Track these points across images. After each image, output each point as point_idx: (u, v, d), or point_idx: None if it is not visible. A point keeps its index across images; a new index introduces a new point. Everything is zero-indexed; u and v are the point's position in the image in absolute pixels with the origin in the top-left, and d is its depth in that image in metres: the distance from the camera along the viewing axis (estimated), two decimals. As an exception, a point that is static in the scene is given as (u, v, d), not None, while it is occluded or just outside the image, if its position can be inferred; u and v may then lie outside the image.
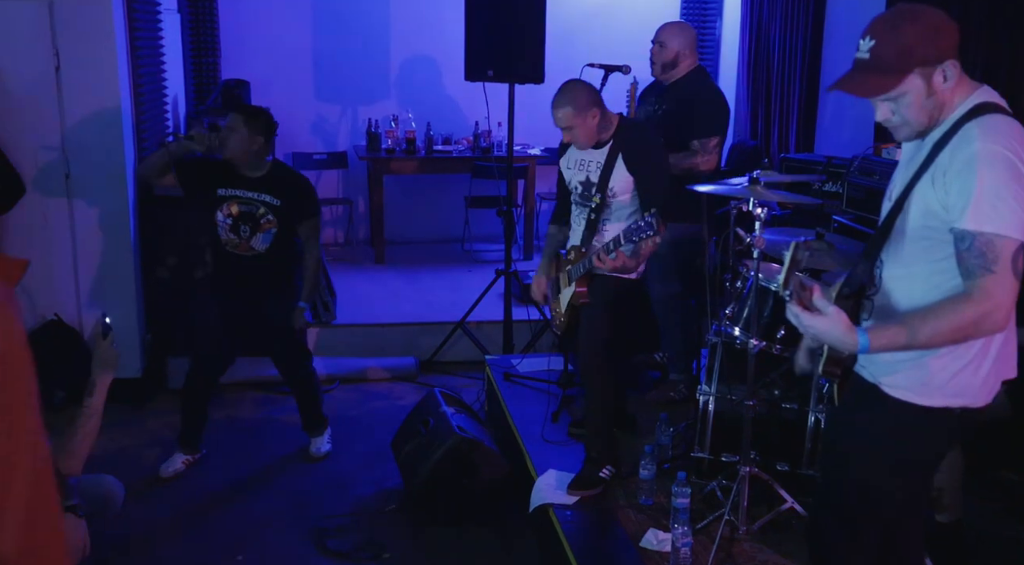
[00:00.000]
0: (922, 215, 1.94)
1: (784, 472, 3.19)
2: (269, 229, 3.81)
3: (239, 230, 3.80)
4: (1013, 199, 1.80)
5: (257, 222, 3.80)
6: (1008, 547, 3.21)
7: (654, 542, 3.00)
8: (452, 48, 5.68)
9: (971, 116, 1.91)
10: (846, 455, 2.14)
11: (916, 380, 2.00)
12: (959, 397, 1.99)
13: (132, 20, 4.69)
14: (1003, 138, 1.85)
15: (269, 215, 3.80)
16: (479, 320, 5.31)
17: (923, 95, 1.93)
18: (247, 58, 6.83)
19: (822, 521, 2.27)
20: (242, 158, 3.75)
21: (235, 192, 3.79)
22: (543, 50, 4.76)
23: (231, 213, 3.79)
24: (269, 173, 3.83)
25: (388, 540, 3.48)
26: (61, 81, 4.40)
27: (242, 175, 3.79)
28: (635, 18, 7.10)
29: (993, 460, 3.53)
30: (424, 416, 3.83)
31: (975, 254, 1.82)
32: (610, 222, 3.33)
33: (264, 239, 3.82)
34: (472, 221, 7.15)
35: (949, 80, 1.93)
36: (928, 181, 1.93)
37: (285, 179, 3.88)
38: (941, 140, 1.93)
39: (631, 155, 3.28)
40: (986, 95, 1.96)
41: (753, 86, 6.95)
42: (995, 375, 2.01)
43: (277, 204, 3.80)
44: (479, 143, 6.89)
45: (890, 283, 2.06)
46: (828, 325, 1.87)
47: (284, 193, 3.82)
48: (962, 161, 1.86)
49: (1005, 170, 1.81)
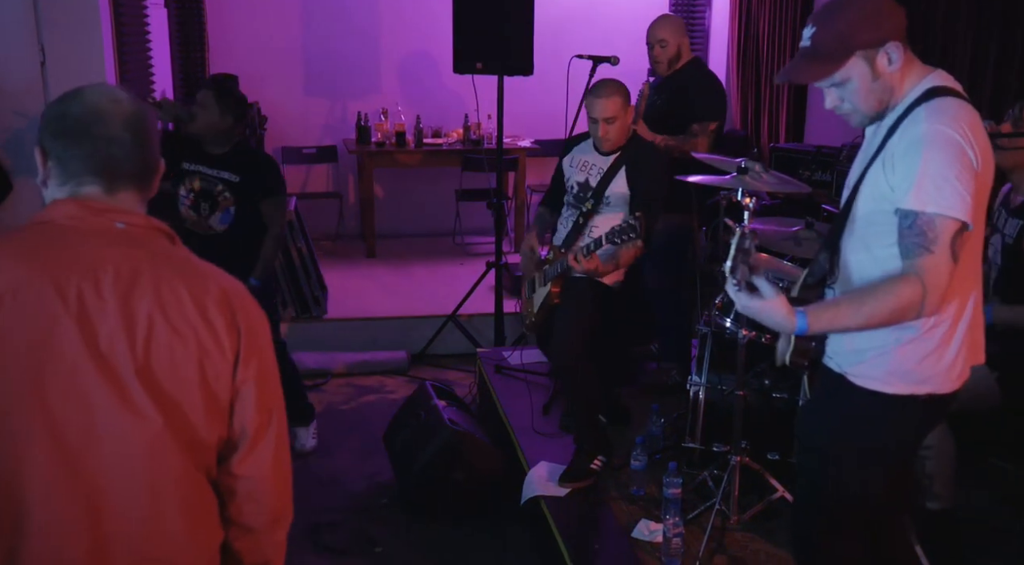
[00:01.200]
0: (873, 199, 1.95)
1: (775, 461, 3.19)
2: (227, 207, 3.73)
3: (199, 207, 3.74)
4: (957, 179, 1.81)
5: (215, 200, 3.73)
6: (1001, 536, 3.21)
7: (646, 533, 3.00)
8: (441, 41, 5.66)
9: (922, 99, 1.91)
10: (818, 447, 2.14)
11: (881, 369, 2.00)
12: (924, 384, 1.99)
13: (118, 14, 4.67)
14: (949, 120, 1.85)
15: (226, 192, 3.72)
16: (470, 313, 5.30)
17: (868, 79, 1.94)
18: (235, 52, 6.80)
19: (802, 514, 2.28)
20: (209, 134, 3.68)
21: (198, 167, 3.73)
22: (532, 42, 4.75)
23: (192, 188, 3.73)
24: (231, 151, 3.76)
25: (380, 534, 3.48)
26: (47, 75, 4.37)
27: (206, 151, 3.73)
28: (624, 9, 7.10)
29: (985, 448, 3.54)
30: (416, 409, 3.82)
31: (915, 233, 1.83)
32: (597, 229, 3.34)
33: (223, 218, 3.74)
34: (463, 214, 7.14)
35: (894, 62, 1.93)
36: (879, 165, 1.93)
37: (246, 156, 3.81)
38: (894, 125, 1.93)
39: (634, 170, 3.32)
40: (939, 79, 1.96)
41: (742, 76, 6.95)
42: (962, 361, 2.01)
43: (236, 181, 3.72)
44: (469, 136, 6.87)
45: (847, 270, 2.06)
46: (765, 306, 1.87)
47: (244, 170, 3.74)
48: (908, 142, 1.86)
49: (950, 151, 1.82)
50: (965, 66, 4.59)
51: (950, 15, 4.73)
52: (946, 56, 4.71)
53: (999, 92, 4.43)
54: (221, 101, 3.64)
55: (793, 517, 2.40)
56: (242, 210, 3.75)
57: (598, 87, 3.34)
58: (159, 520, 1.37)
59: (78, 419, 1.31)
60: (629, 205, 3.33)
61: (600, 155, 3.42)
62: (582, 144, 3.54)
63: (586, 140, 3.53)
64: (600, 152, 3.42)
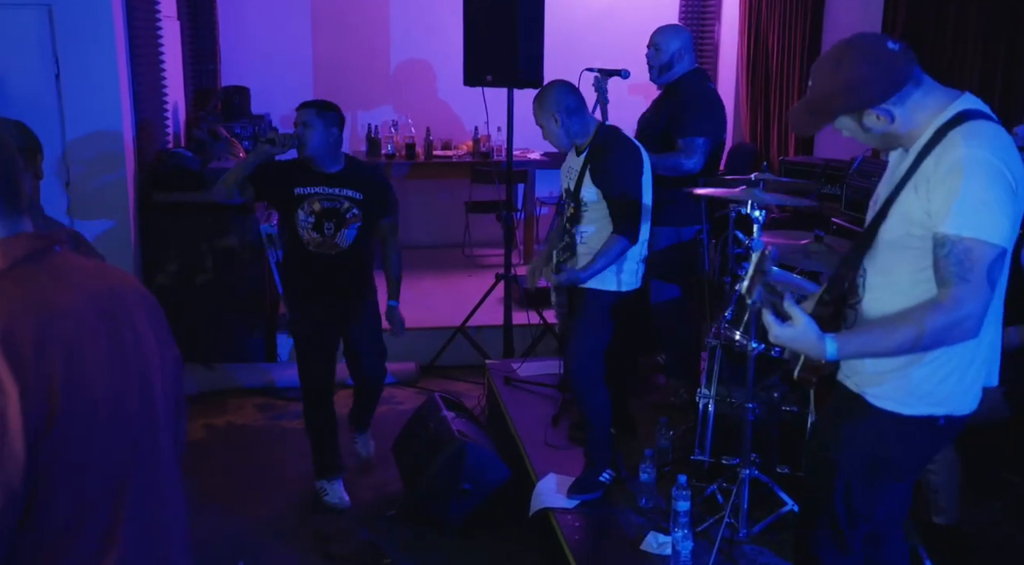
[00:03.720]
0: (905, 223, 1.94)
1: (784, 475, 3.19)
2: (354, 224, 3.65)
3: (323, 227, 3.62)
4: (995, 203, 1.80)
5: (343, 217, 3.63)
6: (1009, 549, 3.20)
7: (654, 545, 3.00)
8: (451, 53, 5.70)
9: (955, 123, 1.89)
10: (831, 464, 2.13)
11: (901, 390, 2.00)
12: (942, 406, 1.99)
13: (132, 27, 4.71)
14: (987, 144, 1.84)
15: (354, 209, 3.64)
16: (479, 324, 5.31)
17: (860, 132, 1.97)
18: (247, 65, 6.85)
19: (806, 529, 2.27)
20: (320, 153, 3.58)
21: (315, 189, 3.61)
22: (542, 55, 4.77)
23: (313, 211, 3.62)
24: (347, 168, 3.67)
25: (389, 545, 3.48)
26: (61, 88, 4.42)
27: (318, 171, 3.62)
28: (634, 22, 7.09)
29: (994, 461, 3.53)
30: (425, 421, 3.83)
31: (953, 261, 1.81)
32: (583, 234, 3.28)
33: (349, 235, 3.66)
34: (472, 226, 7.16)
35: (883, 122, 1.93)
36: (912, 189, 1.92)
37: (363, 172, 3.74)
38: (925, 148, 1.92)
39: (595, 165, 3.22)
40: (968, 102, 1.95)
41: (752, 89, 6.96)
42: (978, 383, 2.01)
43: (360, 198, 3.64)
44: (479, 148, 6.90)
45: (873, 292, 2.05)
46: (798, 334, 1.88)
47: (364, 186, 3.66)
48: (947, 167, 1.84)
49: (990, 176, 1.81)
50: (975, 76, 4.60)
51: (960, 25, 4.74)
52: (953, 71, 4.72)
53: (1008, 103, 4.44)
54: (323, 116, 3.53)
55: (797, 531, 2.40)
56: (366, 226, 3.69)
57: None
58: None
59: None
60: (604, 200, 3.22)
61: (575, 156, 3.34)
62: (571, 150, 3.51)
63: None
64: (576, 153, 3.35)
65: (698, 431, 3.36)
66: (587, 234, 3.27)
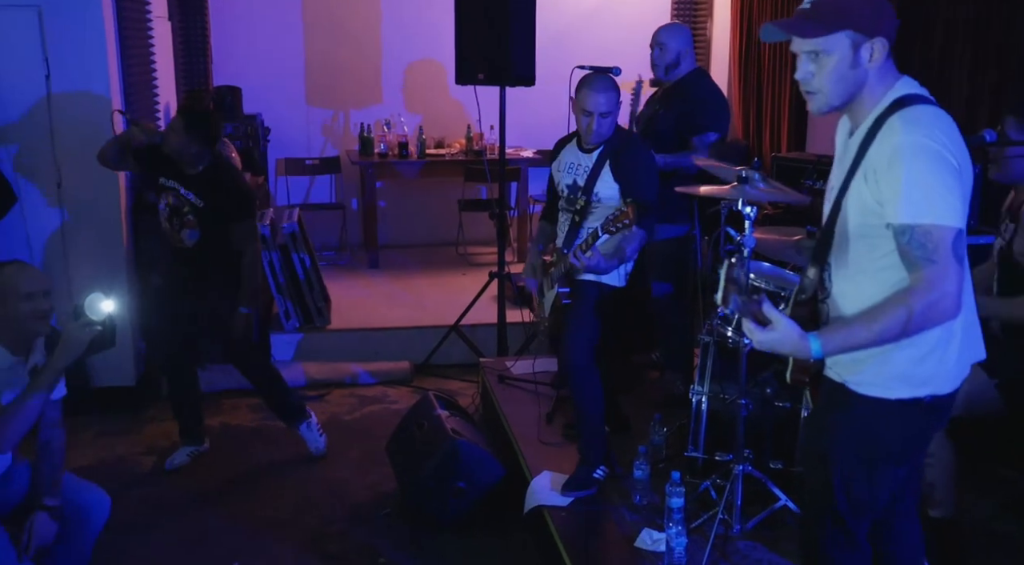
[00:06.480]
0: (860, 214, 1.96)
1: (778, 470, 3.19)
2: (191, 228, 3.83)
3: (172, 222, 3.86)
4: (942, 187, 1.82)
5: (182, 219, 3.83)
6: (1005, 543, 3.21)
7: (649, 542, 3.00)
8: (443, 52, 5.70)
9: (893, 109, 1.92)
10: (823, 456, 2.13)
11: (881, 374, 2.00)
12: (925, 386, 1.99)
13: (123, 28, 4.69)
14: (923, 128, 1.86)
15: (190, 215, 3.81)
16: (473, 323, 5.31)
17: (846, 63, 1.93)
18: (239, 65, 6.84)
19: (811, 525, 2.27)
20: (179, 157, 3.79)
21: (172, 184, 3.84)
22: (533, 53, 4.77)
23: (168, 202, 3.85)
24: (202, 173, 3.82)
25: (384, 544, 3.48)
26: (52, 89, 4.40)
27: (180, 169, 3.83)
28: (626, 20, 7.13)
29: (990, 456, 3.53)
30: (419, 419, 3.83)
31: (916, 246, 1.83)
32: (588, 225, 3.32)
33: (190, 235, 3.85)
34: (465, 224, 7.16)
35: (875, 59, 1.93)
36: (861, 179, 1.94)
37: (214, 181, 3.83)
38: (867, 136, 1.94)
39: (618, 164, 3.28)
40: (907, 87, 1.97)
41: (744, 85, 6.97)
42: (962, 359, 2.02)
43: (200, 206, 3.80)
44: (471, 146, 6.89)
45: (840, 285, 2.06)
46: (780, 337, 1.89)
47: (210, 194, 3.80)
48: (888, 155, 1.87)
49: (930, 159, 1.83)
50: (962, 101, 4.61)
51: (945, 49, 4.76)
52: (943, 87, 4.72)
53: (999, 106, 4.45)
54: (190, 131, 3.73)
55: (802, 533, 2.40)
56: (208, 232, 3.83)
57: (594, 81, 3.28)
58: None
59: None
60: (620, 199, 3.28)
61: (584, 153, 3.37)
62: (567, 146, 3.50)
63: (570, 142, 3.49)
64: (583, 150, 3.38)
65: (691, 427, 3.37)
66: (592, 226, 3.29)
